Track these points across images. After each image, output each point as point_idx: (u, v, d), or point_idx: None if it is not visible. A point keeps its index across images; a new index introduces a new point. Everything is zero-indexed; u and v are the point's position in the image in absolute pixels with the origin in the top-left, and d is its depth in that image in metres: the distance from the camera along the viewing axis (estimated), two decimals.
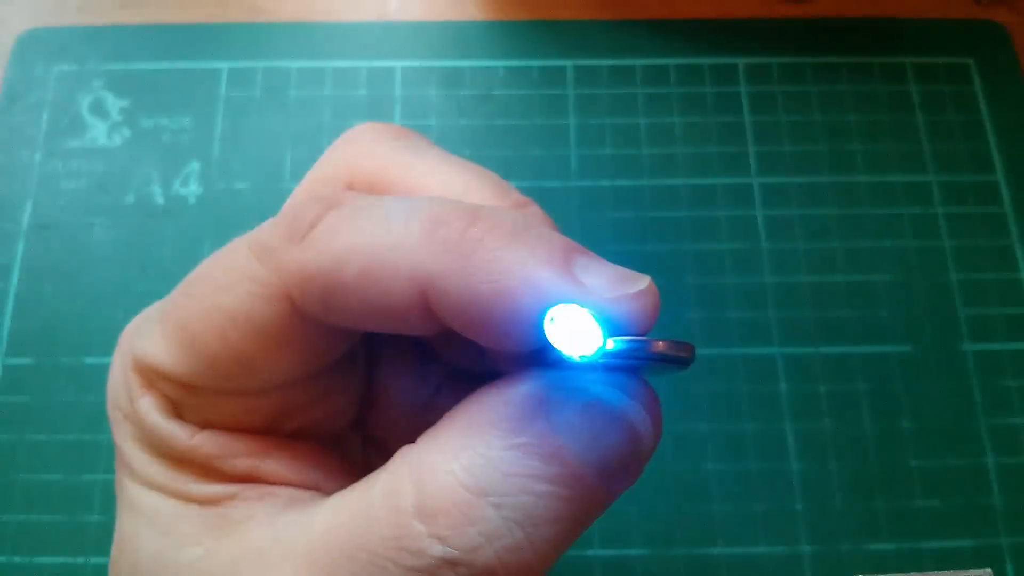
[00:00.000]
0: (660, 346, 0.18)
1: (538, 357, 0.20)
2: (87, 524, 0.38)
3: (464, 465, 0.17)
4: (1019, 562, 0.38)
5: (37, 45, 0.48)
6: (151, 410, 0.20)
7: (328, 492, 0.20)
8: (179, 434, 0.20)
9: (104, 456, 0.40)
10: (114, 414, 0.21)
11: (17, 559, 0.38)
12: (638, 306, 0.18)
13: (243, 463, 0.20)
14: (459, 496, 0.16)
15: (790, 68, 0.48)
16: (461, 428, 0.18)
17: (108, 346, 0.42)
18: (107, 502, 0.39)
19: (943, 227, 0.45)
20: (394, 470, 0.18)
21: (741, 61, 0.48)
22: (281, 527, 0.19)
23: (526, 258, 0.17)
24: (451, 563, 0.16)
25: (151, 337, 0.20)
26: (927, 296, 0.43)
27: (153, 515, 0.20)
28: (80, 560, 0.38)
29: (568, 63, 0.48)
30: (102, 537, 0.38)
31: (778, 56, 0.49)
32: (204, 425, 0.20)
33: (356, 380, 0.24)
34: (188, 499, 0.20)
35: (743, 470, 0.40)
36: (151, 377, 0.20)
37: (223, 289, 0.19)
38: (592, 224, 0.44)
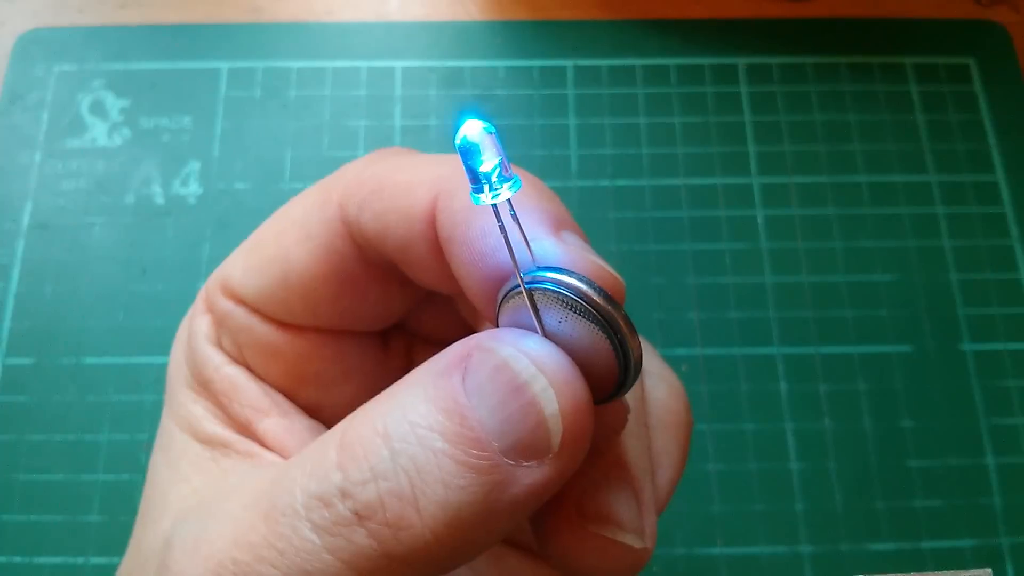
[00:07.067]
0: (570, 280, 0.17)
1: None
2: (87, 524, 0.38)
3: (383, 412, 0.18)
4: (1019, 562, 0.38)
5: (37, 45, 0.48)
6: (200, 332, 0.24)
7: None
8: (212, 360, 0.24)
9: (104, 456, 0.40)
10: (174, 351, 0.25)
11: (17, 559, 0.38)
12: (600, 273, 0.18)
13: (245, 411, 0.23)
14: (367, 436, 0.17)
15: (790, 68, 0.48)
16: (401, 383, 0.18)
17: (108, 346, 0.43)
18: (107, 502, 0.39)
19: (943, 227, 0.45)
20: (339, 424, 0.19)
21: (741, 61, 0.48)
22: (242, 480, 0.21)
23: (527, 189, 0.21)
24: (342, 492, 0.17)
25: (232, 256, 0.24)
26: (927, 296, 0.43)
27: (168, 443, 0.23)
28: (80, 560, 0.38)
29: (568, 63, 0.48)
30: (102, 537, 0.38)
31: (778, 56, 0.49)
32: (237, 360, 0.24)
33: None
34: (196, 435, 0.23)
35: (743, 470, 0.40)
36: (219, 294, 0.24)
37: (290, 204, 0.24)
38: (592, 224, 0.44)
